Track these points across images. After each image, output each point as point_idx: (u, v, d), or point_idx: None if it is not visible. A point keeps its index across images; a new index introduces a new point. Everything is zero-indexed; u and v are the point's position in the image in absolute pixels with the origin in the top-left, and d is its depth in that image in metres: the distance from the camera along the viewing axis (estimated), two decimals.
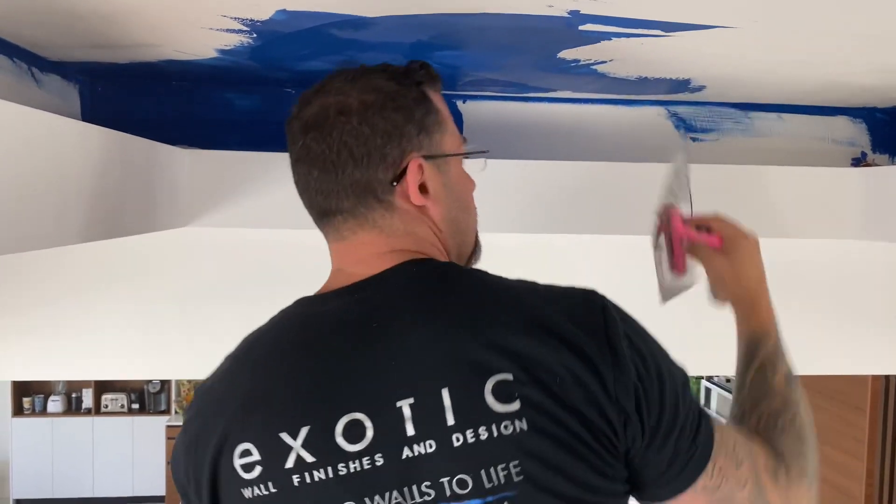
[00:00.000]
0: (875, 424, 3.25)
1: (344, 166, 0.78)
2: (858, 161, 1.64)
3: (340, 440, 0.70)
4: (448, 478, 0.69)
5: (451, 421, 0.69)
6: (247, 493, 0.72)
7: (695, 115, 1.61)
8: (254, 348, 0.80)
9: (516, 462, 0.68)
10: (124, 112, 1.47)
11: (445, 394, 0.69)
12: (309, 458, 0.70)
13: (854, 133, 1.64)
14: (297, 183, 0.84)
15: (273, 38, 1.08)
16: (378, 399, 0.71)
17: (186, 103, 1.50)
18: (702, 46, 1.07)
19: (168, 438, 6.73)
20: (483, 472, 0.68)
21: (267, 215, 1.39)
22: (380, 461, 0.70)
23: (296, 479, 0.71)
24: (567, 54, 1.15)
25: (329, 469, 0.70)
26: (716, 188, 1.44)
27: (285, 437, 0.71)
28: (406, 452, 0.69)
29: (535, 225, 1.45)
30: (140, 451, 6.96)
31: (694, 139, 1.61)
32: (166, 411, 6.96)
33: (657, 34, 1.01)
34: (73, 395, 7.08)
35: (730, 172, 1.50)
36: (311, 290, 0.82)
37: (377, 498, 0.69)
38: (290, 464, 0.71)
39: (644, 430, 0.72)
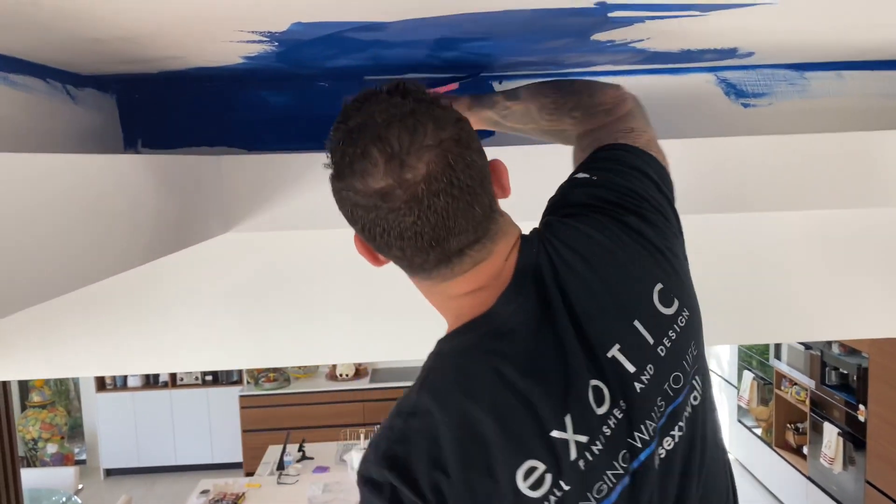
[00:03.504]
0: None
1: (477, 199, 0.82)
2: None
3: (595, 408, 0.82)
4: (667, 381, 0.86)
5: (651, 340, 0.86)
6: None
7: (745, 79, 1.52)
8: (464, 387, 0.83)
9: (694, 343, 0.90)
10: (162, 116, 1.48)
11: (638, 325, 0.85)
12: (583, 439, 0.81)
13: None
14: (408, 247, 0.81)
15: (295, 44, 1.05)
16: (596, 360, 0.83)
17: (221, 104, 1.49)
18: (745, 21, 1.00)
19: (242, 408, 6.97)
20: (683, 361, 0.88)
21: (308, 216, 1.39)
22: (624, 405, 0.83)
23: (581, 464, 0.80)
24: (600, 36, 1.09)
25: (601, 438, 0.82)
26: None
27: (557, 434, 0.80)
28: (638, 386, 0.84)
29: None
30: (216, 420, 7.24)
31: (745, 105, 1.52)
32: (238, 381, 7.20)
33: (693, 14, 0.94)
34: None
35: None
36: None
37: (638, 435, 0.84)
38: (573, 454, 0.80)
39: None
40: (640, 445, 0.84)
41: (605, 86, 1.17)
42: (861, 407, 4.64)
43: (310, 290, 1.82)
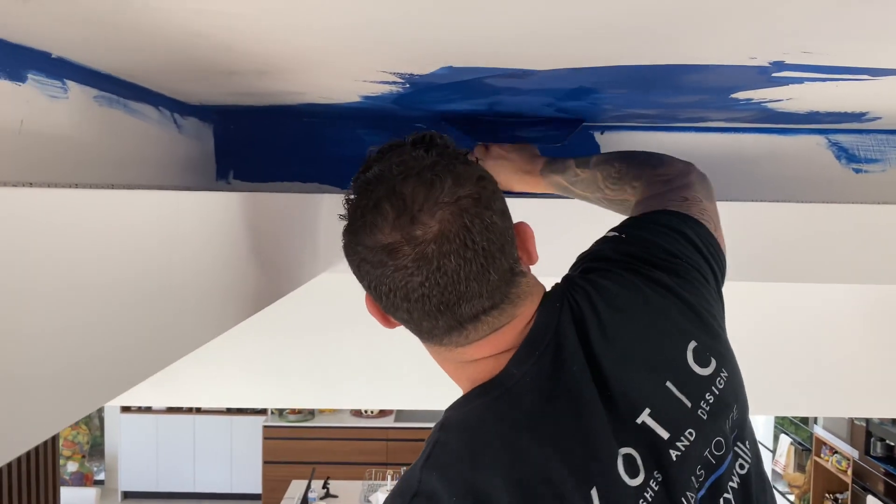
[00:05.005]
0: None
1: (494, 264, 0.75)
2: None
3: (627, 480, 0.74)
4: (708, 448, 0.79)
5: (688, 403, 0.78)
6: None
7: (858, 143, 1.46)
8: (474, 462, 0.75)
9: (736, 407, 0.83)
10: (256, 148, 1.45)
11: (671, 386, 0.78)
12: None
13: None
14: (416, 309, 0.75)
15: (425, 87, 1.02)
16: (626, 426, 0.76)
17: (316, 139, 1.46)
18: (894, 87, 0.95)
19: (265, 438, 6.89)
20: (724, 426, 0.80)
21: None
22: (659, 476, 0.76)
23: None
24: (741, 95, 1.04)
25: None
26: None
27: (594, 493, 0.72)
28: (674, 454, 0.76)
29: None
30: (238, 449, 7.16)
31: (857, 171, 1.46)
32: (262, 411, 7.13)
33: (862, 79, 0.89)
34: None
35: None
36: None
37: None
38: None
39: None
40: None
41: (673, 160, 1.12)
42: None
43: (342, 333, 1.79)
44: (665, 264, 0.86)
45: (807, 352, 2.10)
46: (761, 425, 6.76)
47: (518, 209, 0.84)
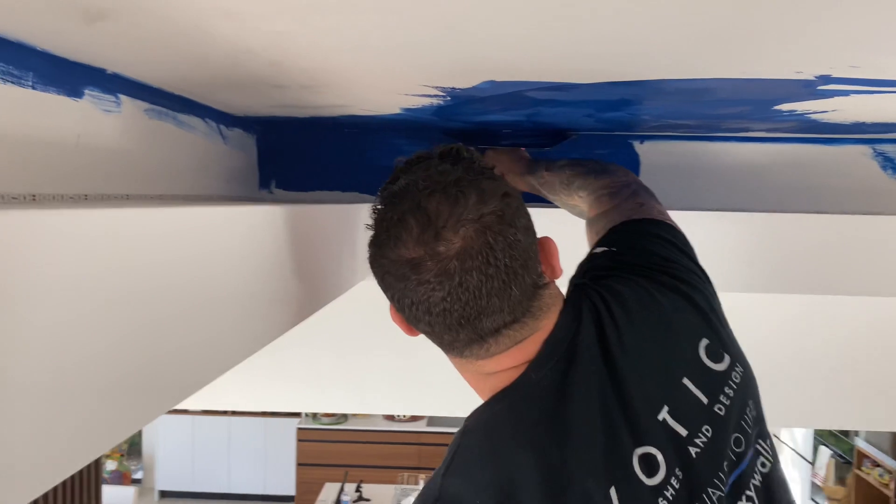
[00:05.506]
0: None
1: (516, 280, 0.76)
2: None
3: (645, 479, 0.74)
4: (728, 444, 0.78)
5: (705, 399, 0.78)
6: None
7: None
8: (496, 463, 0.76)
9: (752, 402, 0.83)
10: (298, 158, 1.48)
11: (687, 382, 0.78)
12: None
13: None
14: (437, 323, 0.76)
15: (466, 100, 1.03)
16: (645, 425, 0.76)
17: (357, 149, 1.48)
18: None
19: (298, 440, 6.95)
20: (742, 422, 0.80)
21: None
22: (680, 474, 0.76)
23: None
24: (785, 107, 1.03)
25: None
26: None
27: (613, 492, 0.73)
28: (693, 451, 0.76)
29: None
30: (272, 451, 7.23)
31: None
32: (297, 414, 7.20)
33: None
34: None
35: None
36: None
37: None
38: None
39: None
40: None
41: (614, 168, 1.16)
42: None
43: (375, 340, 1.79)
44: (665, 268, 0.88)
45: (849, 363, 2.06)
46: (800, 437, 6.62)
47: (540, 219, 0.85)
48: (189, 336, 0.67)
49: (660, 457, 0.75)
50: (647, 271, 0.88)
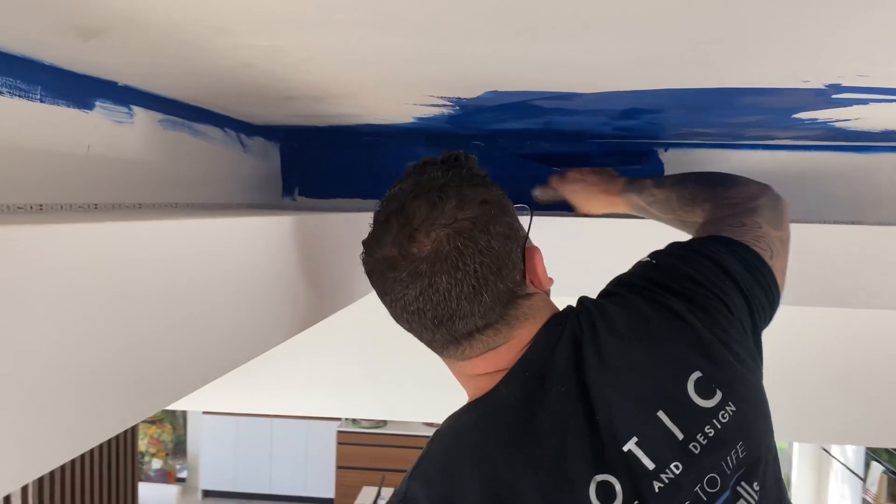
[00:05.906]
0: None
1: (487, 286, 0.76)
2: None
3: None
4: (699, 483, 0.74)
5: (680, 435, 0.74)
6: None
7: None
8: (452, 474, 0.77)
9: (741, 444, 0.75)
10: (320, 166, 1.50)
11: (662, 416, 0.74)
12: None
13: None
14: (414, 321, 0.79)
15: (474, 109, 1.03)
16: (609, 453, 0.73)
17: (375, 157, 1.49)
18: None
19: (339, 443, 7.01)
20: (722, 462, 0.74)
21: None
22: None
23: None
24: (804, 115, 1.01)
25: None
26: None
27: None
28: (657, 485, 0.72)
29: None
30: (313, 453, 7.31)
31: None
32: (337, 418, 7.26)
33: None
34: None
35: None
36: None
37: None
38: None
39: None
40: None
41: (748, 182, 1.05)
42: None
43: (410, 346, 1.79)
44: (684, 292, 0.83)
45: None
46: (851, 452, 6.41)
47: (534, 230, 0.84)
48: (187, 339, 0.68)
49: (618, 486, 0.73)
50: (662, 294, 0.83)
